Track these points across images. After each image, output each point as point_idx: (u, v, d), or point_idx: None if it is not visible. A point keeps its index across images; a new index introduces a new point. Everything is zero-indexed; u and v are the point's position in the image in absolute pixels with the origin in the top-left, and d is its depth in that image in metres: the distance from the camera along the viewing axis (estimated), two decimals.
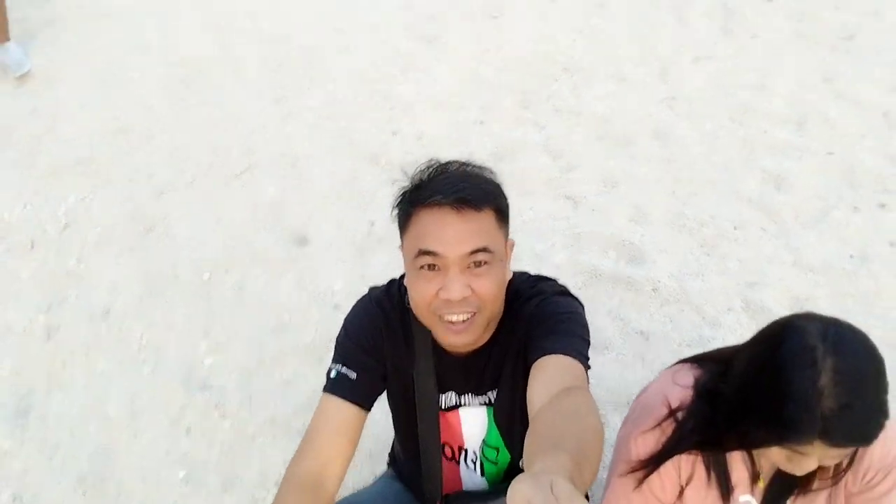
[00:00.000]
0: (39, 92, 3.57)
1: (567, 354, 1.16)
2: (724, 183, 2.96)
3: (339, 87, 3.53)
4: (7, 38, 3.63)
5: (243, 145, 3.22)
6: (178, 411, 2.25)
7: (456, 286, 1.15)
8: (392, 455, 1.75)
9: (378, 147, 3.19)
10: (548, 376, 1.11)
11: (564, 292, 1.34)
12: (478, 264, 1.16)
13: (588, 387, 1.18)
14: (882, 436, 1.22)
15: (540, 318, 1.26)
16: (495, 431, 1.43)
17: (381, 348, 1.35)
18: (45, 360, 2.41)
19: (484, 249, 1.15)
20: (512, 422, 1.40)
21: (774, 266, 2.61)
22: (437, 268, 1.16)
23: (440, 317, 1.19)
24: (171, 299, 2.60)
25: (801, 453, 1.07)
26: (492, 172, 1.25)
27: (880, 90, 3.37)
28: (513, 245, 1.28)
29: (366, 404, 1.33)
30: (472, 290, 1.16)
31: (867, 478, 1.25)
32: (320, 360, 2.35)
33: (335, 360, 1.35)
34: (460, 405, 1.41)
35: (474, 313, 1.19)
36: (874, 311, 2.45)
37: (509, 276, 1.28)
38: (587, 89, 3.47)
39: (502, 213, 1.22)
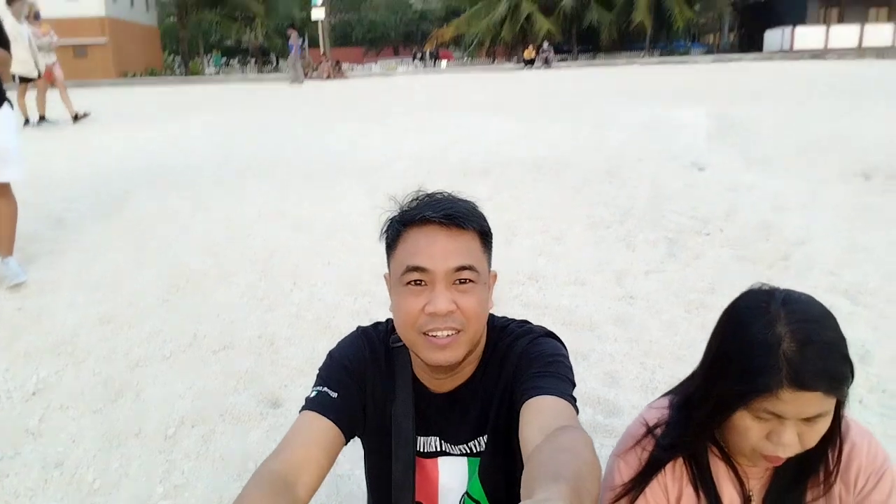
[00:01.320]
0: (29, 295, 3.73)
1: (560, 397, 1.17)
2: (691, 357, 3.08)
3: (321, 289, 3.76)
4: (10, 253, 3.90)
5: (223, 331, 3.32)
6: None
7: (442, 299, 1.19)
8: None
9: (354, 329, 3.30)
10: (542, 417, 1.11)
11: (552, 334, 1.38)
12: (463, 281, 1.21)
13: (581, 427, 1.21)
14: (867, 440, 1.26)
15: (530, 357, 1.27)
16: (478, 483, 1.37)
17: (364, 376, 1.35)
18: None
19: (470, 268, 1.20)
20: (496, 470, 1.35)
21: None
22: (423, 283, 1.21)
23: (425, 333, 1.22)
24: (129, 451, 2.47)
25: (775, 415, 1.09)
26: (475, 205, 1.34)
27: (819, 292, 3.70)
28: (495, 277, 1.35)
29: (343, 426, 1.27)
30: (458, 305, 1.20)
31: (859, 485, 1.24)
32: None
33: (316, 384, 1.33)
34: (441, 452, 1.38)
35: (459, 331, 1.22)
36: None
37: (492, 307, 1.33)
38: (551, 291, 3.75)
39: (486, 238, 1.28)
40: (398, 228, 1.26)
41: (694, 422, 1.23)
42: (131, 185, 6.22)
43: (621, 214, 4.95)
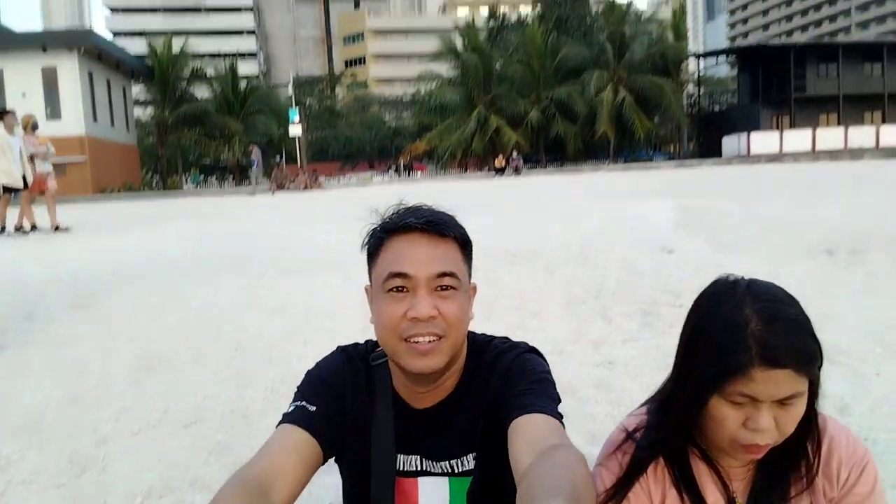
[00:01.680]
0: None
1: (548, 414, 1.18)
2: None
3: (298, 364, 3.70)
4: None
5: (194, 405, 3.23)
6: None
7: (424, 304, 1.21)
8: None
9: None
10: (532, 435, 1.12)
11: (535, 350, 1.40)
12: (444, 288, 1.24)
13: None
14: (845, 433, 1.29)
15: (516, 373, 1.28)
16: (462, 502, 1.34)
17: (343, 392, 1.35)
18: None
19: (451, 274, 1.23)
20: (486, 493, 1.33)
21: None
22: (405, 290, 1.24)
23: (406, 339, 1.23)
24: None
25: (750, 397, 1.10)
26: (455, 217, 1.38)
27: None
28: (475, 289, 1.38)
29: (322, 439, 1.25)
30: (439, 311, 1.23)
31: (842, 478, 1.24)
32: None
33: (294, 400, 1.32)
34: (422, 472, 1.36)
35: (440, 337, 1.23)
36: None
37: (472, 318, 1.35)
38: None
39: (467, 248, 1.31)
40: (380, 237, 1.29)
41: (671, 416, 1.23)
42: (104, 283, 6.16)
43: (596, 290, 5.01)
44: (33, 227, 10.93)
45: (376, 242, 1.30)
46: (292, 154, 37.61)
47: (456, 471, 1.32)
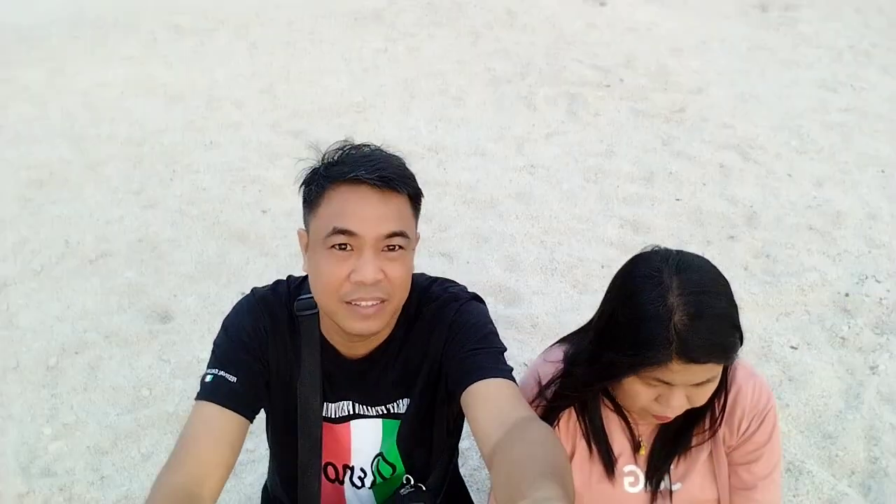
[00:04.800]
0: None
1: (503, 377, 1.13)
2: (587, 231, 3.10)
3: (204, 177, 3.48)
4: None
5: (98, 235, 3.05)
6: (15, 500, 1.92)
7: (370, 268, 1.08)
8: (266, 492, 1.56)
9: (247, 225, 3.11)
10: (495, 407, 1.07)
11: (476, 297, 1.30)
12: (391, 248, 1.11)
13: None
14: (752, 383, 1.26)
15: (463, 329, 1.21)
16: (394, 447, 1.31)
17: (265, 351, 1.23)
18: None
19: (401, 234, 1.11)
20: (414, 436, 1.30)
21: None
22: (349, 248, 1.10)
23: (348, 302, 1.11)
24: (9, 389, 2.31)
25: (664, 382, 1.07)
26: (405, 164, 1.22)
27: (712, 148, 3.74)
28: (418, 239, 1.24)
29: (247, 413, 1.17)
30: (385, 274, 1.10)
31: (742, 427, 1.25)
32: None
33: (210, 366, 1.20)
34: (354, 415, 1.30)
35: (384, 300, 1.12)
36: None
37: (413, 267, 1.22)
38: (451, 164, 3.62)
39: (417, 201, 1.19)
40: (323, 184, 1.12)
41: (581, 381, 1.21)
42: None
43: (522, 67, 4.73)
44: None
45: (318, 190, 1.13)
46: None
47: (391, 412, 1.30)
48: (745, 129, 3.93)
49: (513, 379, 1.14)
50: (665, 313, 1.04)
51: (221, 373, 1.17)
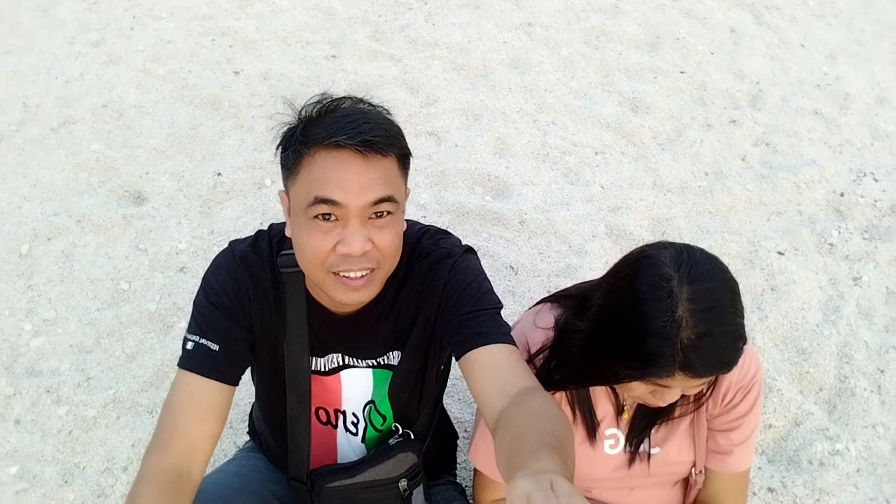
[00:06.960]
0: None
1: (504, 342, 1.10)
2: (584, 109, 2.93)
3: (168, 26, 3.16)
4: None
5: (58, 97, 2.82)
6: (3, 402, 1.96)
7: (357, 239, 1.02)
8: (252, 425, 1.58)
9: (219, 90, 2.88)
10: (497, 374, 1.06)
11: (469, 249, 1.24)
12: (379, 215, 1.04)
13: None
14: (742, 356, 1.22)
15: (458, 288, 1.16)
16: (386, 398, 1.29)
17: (248, 313, 1.17)
18: None
19: (389, 199, 1.04)
20: (406, 388, 1.28)
21: (635, 189, 2.62)
22: (334, 218, 1.02)
23: (335, 273, 1.05)
24: None
25: (663, 386, 1.06)
26: (389, 112, 1.11)
27: (725, 6, 3.44)
28: (408, 194, 1.14)
29: (231, 380, 1.15)
30: (374, 243, 1.04)
31: (727, 399, 1.26)
32: (168, 329, 2.12)
33: (191, 330, 1.15)
34: (344, 366, 1.26)
35: (373, 269, 1.06)
36: (730, 226, 2.52)
37: (404, 227, 1.15)
38: (442, 18, 3.31)
39: (405, 160, 1.10)
40: (300, 150, 1.03)
41: (577, 377, 1.20)
42: None
43: None
44: None
45: (296, 154, 1.04)
46: None
47: (383, 364, 1.29)
48: None
49: (512, 341, 1.12)
50: (672, 329, 1.00)
51: (203, 340, 1.14)
